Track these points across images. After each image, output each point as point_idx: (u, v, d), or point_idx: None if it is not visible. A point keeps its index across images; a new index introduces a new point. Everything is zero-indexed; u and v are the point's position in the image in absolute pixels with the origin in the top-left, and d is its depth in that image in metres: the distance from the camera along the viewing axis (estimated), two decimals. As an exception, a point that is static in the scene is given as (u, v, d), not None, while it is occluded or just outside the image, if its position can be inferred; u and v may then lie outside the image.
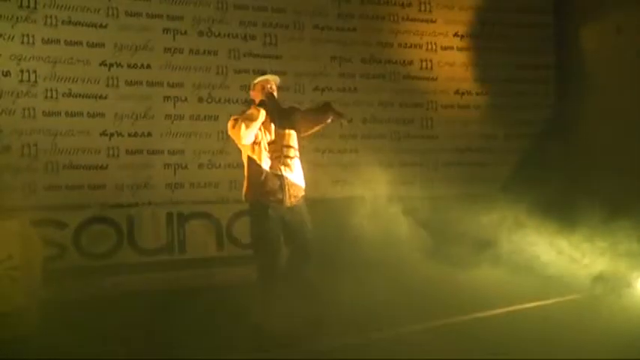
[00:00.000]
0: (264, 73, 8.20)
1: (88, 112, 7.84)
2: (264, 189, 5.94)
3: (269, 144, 6.00)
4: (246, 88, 8.15)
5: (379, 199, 8.05)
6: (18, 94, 7.52)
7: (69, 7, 7.74)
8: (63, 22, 7.70)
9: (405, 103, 9.25)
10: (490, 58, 9.65)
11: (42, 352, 5.45)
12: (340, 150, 8.90)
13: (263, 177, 5.95)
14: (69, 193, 7.70)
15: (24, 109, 7.55)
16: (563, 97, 9.83)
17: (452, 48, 9.52)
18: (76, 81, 7.79)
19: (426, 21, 9.38)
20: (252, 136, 5.89)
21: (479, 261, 7.53)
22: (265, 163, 5.95)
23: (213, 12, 8.36)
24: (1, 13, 7.45)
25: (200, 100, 8.23)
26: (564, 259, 7.52)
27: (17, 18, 7.50)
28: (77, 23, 7.77)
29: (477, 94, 9.60)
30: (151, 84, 8.11)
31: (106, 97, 7.91)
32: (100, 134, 7.89)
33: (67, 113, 7.75)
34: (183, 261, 7.77)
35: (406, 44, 9.28)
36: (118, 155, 7.95)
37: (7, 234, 6.13)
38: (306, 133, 6.20)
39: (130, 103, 8.01)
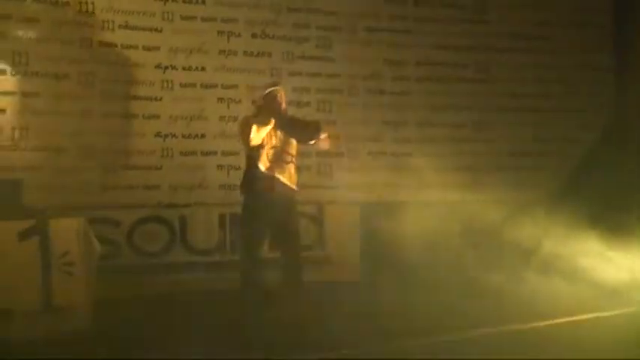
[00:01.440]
0: (315, 75, 8.72)
1: (144, 114, 8.04)
2: (257, 185, 6.41)
3: (271, 148, 6.45)
4: (300, 90, 8.56)
5: (432, 203, 8.18)
6: (76, 95, 7.73)
7: (126, 12, 7.94)
8: (120, 27, 7.91)
9: (460, 107, 9.26)
10: (547, 60, 9.62)
11: (96, 348, 5.65)
12: (393, 153, 9.00)
13: (259, 176, 6.40)
14: (124, 192, 7.90)
15: (82, 111, 7.77)
16: (622, 100, 9.71)
17: (507, 50, 9.48)
18: (132, 83, 8.00)
19: (481, 22, 9.39)
20: (259, 140, 6.34)
21: (531, 269, 7.61)
22: (263, 165, 6.41)
23: (267, 14, 8.51)
24: (61, 18, 7.67)
25: (253, 102, 7.96)
26: (619, 270, 7.46)
27: (77, 22, 7.72)
28: (133, 27, 7.98)
29: (533, 96, 9.56)
30: (205, 86, 8.29)
31: (160, 99, 8.11)
32: (155, 135, 8.09)
33: (123, 115, 7.97)
34: (234, 261, 7.57)
35: (460, 46, 9.30)
36: (172, 156, 8.14)
37: (65, 231, 6.30)
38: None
39: (185, 105, 8.20)
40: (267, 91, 6.57)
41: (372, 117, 8.90)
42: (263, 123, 6.31)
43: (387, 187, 8.85)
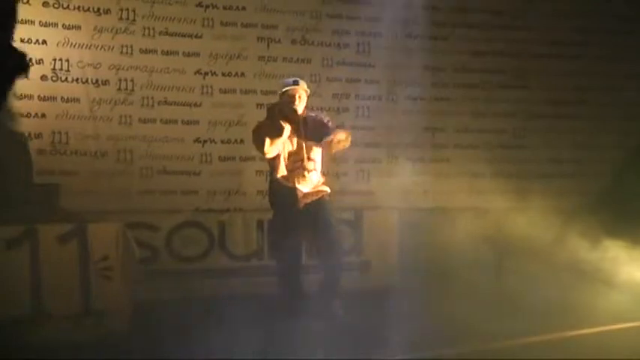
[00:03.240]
0: (354, 81, 8.71)
1: (183, 120, 8.12)
2: (278, 197, 6.30)
3: (289, 154, 6.26)
4: (339, 96, 8.58)
5: (470, 210, 8.29)
6: (116, 102, 7.86)
7: (166, 19, 8.03)
8: (160, 33, 8.00)
9: (499, 113, 9.25)
10: (586, 66, 9.58)
11: (134, 352, 5.68)
12: (432, 159, 9.00)
13: (278, 186, 6.27)
14: (162, 197, 8.00)
15: (121, 117, 7.88)
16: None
17: (547, 56, 9.45)
18: (172, 89, 8.08)
19: (520, 28, 9.36)
20: (275, 151, 6.15)
21: (570, 277, 7.50)
22: (280, 174, 6.24)
23: (307, 21, 8.56)
24: (103, 26, 7.78)
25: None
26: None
27: (117, 30, 7.85)
28: (174, 34, 8.07)
29: (573, 103, 9.55)
30: (244, 92, 8.34)
31: (200, 105, 8.18)
32: (194, 141, 8.17)
33: (162, 120, 8.05)
34: (271, 267, 7.54)
35: (499, 52, 9.29)
36: (210, 162, 8.23)
37: (104, 236, 6.32)
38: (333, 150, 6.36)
39: (224, 111, 8.26)
40: (282, 90, 6.38)
41: (411, 123, 8.84)
42: (276, 134, 6.10)
43: (425, 193, 8.86)
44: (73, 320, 6.07)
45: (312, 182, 6.33)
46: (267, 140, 6.05)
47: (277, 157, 6.21)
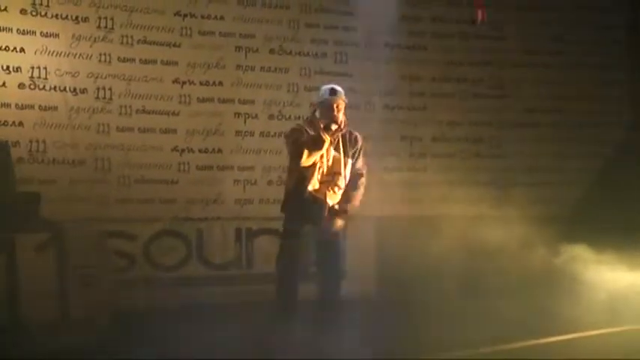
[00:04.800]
0: (315, 90, 8.17)
1: (161, 128, 8.10)
2: (304, 210, 6.01)
3: (322, 168, 6.03)
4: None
5: (448, 219, 8.19)
6: (94, 110, 7.83)
7: (144, 27, 8.03)
8: (138, 42, 8.00)
9: (476, 122, 9.32)
10: (561, 75, 9.64)
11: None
12: (409, 168, 9.04)
13: (306, 199, 5.99)
14: (140, 206, 7.97)
15: (99, 125, 7.85)
16: (638, 114, 9.79)
17: (522, 65, 9.53)
18: (150, 98, 8.06)
19: (496, 38, 9.42)
20: (311, 161, 5.92)
21: (546, 285, 7.55)
22: (312, 186, 6.00)
23: (284, 30, 8.57)
24: (81, 34, 7.77)
25: (271, 117, 8.45)
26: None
27: (95, 38, 7.84)
28: (152, 42, 8.06)
29: (549, 112, 9.59)
30: (222, 101, 8.34)
31: (178, 114, 8.17)
32: (172, 150, 8.15)
33: (140, 129, 8.02)
34: (250, 276, 7.95)
35: (476, 62, 9.36)
36: (188, 170, 8.20)
37: (82, 244, 6.51)
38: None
39: (202, 120, 8.25)
40: (320, 100, 6.12)
41: (388, 132, 8.91)
42: (316, 145, 5.87)
43: (402, 202, 8.87)
44: (52, 328, 6.08)
45: (337, 199, 6.18)
46: (306, 152, 5.83)
47: (312, 166, 5.98)
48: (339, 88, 6.13)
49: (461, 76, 9.32)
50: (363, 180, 6.33)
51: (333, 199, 6.13)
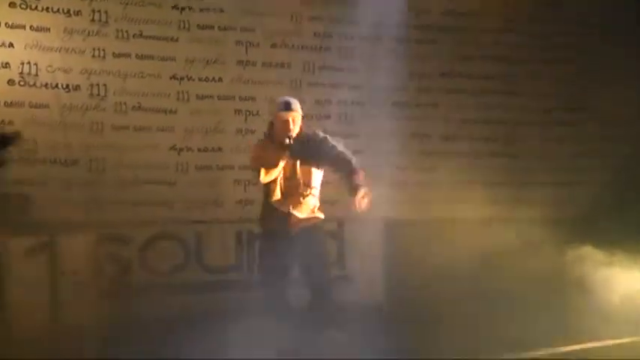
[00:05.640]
0: (337, 86, 8.64)
1: (158, 127, 8.00)
2: (271, 221, 6.12)
3: (285, 179, 6.09)
4: (321, 102, 8.50)
5: (459, 221, 8.27)
6: (87, 107, 7.71)
7: (140, 21, 7.91)
8: (134, 36, 7.87)
9: (489, 120, 9.19)
10: (578, 72, 9.53)
11: None
12: (418, 168, 8.91)
13: (272, 210, 6.10)
14: (136, 208, 7.84)
15: (93, 123, 7.73)
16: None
17: (538, 60, 9.41)
18: (146, 95, 7.95)
19: (509, 32, 9.32)
20: (271, 178, 6.00)
21: (567, 293, 7.48)
22: (275, 198, 6.08)
23: (286, 24, 8.47)
24: (73, 28, 7.64)
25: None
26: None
27: (89, 32, 7.70)
28: (148, 37, 7.94)
29: (565, 109, 9.51)
30: (222, 98, 8.25)
31: (175, 112, 8.07)
32: (169, 149, 8.04)
33: (135, 127, 7.91)
34: (252, 282, 7.60)
35: (489, 56, 9.23)
36: (187, 171, 8.10)
37: (73, 249, 6.57)
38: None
39: (201, 118, 8.16)
40: (276, 114, 6.18)
41: (396, 130, 8.63)
42: (271, 163, 5.98)
43: (411, 202, 8.75)
44: (42, 335, 6.10)
45: (307, 208, 6.18)
46: (263, 172, 5.93)
47: (273, 180, 6.08)
48: (293, 101, 6.17)
49: (473, 71, 9.19)
50: (353, 161, 6.25)
51: (300, 210, 6.14)
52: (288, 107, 6.09)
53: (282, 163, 5.98)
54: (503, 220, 8.21)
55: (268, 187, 6.11)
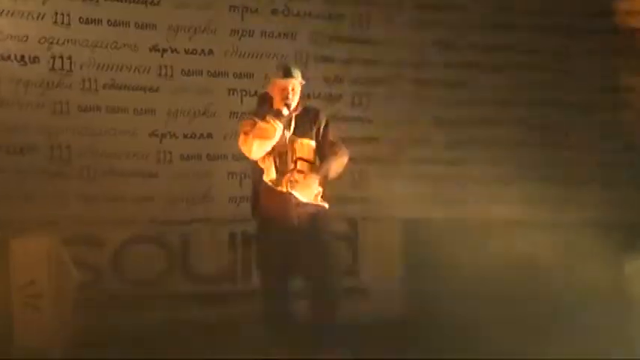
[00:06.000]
0: (350, 62, 8.18)
1: (135, 108, 7.56)
2: (267, 206, 5.82)
3: (279, 155, 5.84)
4: (331, 80, 8.06)
5: (493, 222, 7.76)
6: (48, 84, 7.25)
7: (114, -17, 7.49)
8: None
9: (532, 101, 8.71)
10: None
11: None
12: (445, 161, 8.47)
13: (266, 192, 5.82)
14: (109, 205, 7.38)
15: (55, 103, 7.28)
16: None
17: (591, 31, 8.90)
18: (121, 69, 7.51)
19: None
20: (263, 153, 5.76)
21: (625, 309, 6.94)
22: (269, 177, 5.82)
23: None
24: None
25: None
26: None
27: None
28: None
29: (623, 90, 8.99)
30: (213, 74, 7.83)
31: (157, 90, 7.64)
32: (150, 135, 7.63)
33: (108, 109, 7.45)
34: (247, 292, 7.34)
35: (532, 25, 8.73)
36: (170, 161, 7.70)
37: (30, 255, 6.14)
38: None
39: (187, 98, 7.72)
40: (273, 81, 5.92)
41: (419, 114, 8.43)
42: (265, 134, 5.71)
43: (435, 201, 8.15)
44: None
45: (310, 192, 5.85)
46: (255, 143, 5.67)
47: (268, 158, 5.83)
48: (294, 68, 5.98)
49: (509, 43, 8.69)
50: (340, 153, 6.03)
51: (300, 189, 5.82)
52: (288, 74, 5.84)
53: (278, 133, 5.69)
54: (546, 223, 7.72)
55: (259, 166, 5.86)
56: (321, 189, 5.96)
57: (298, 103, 5.91)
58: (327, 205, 5.94)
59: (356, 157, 7.46)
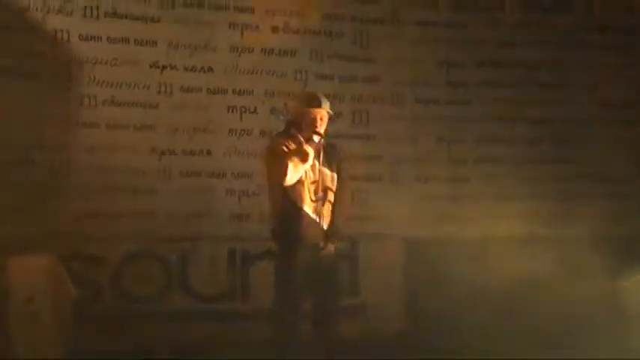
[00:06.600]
0: (350, 79, 8.26)
1: (135, 125, 7.65)
2: (300, 232, 5.88)
3: (311, 183, 5.97)
4: (331, 97, 7.91)
5: (498, 240, 7.79)
6: (47, 98, 7.32)
7: (115, 0, 7.55)
8: (106, 15, 7.53)
9: (534, 118, 8.71)
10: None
11: None
12: (448, 178, 8.51)
13: (302, 220, 5.88)
14: (108, 221, 7.47)
15: (54, 116, 7.36)
16: None
17: (590, 46, 8.92)
18: (121, 86, 7.62)
19: (561, 11, 8.80)
20: (297, 178, 5.84)
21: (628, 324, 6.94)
22: (307, 206, 5.91)
23: (290, 3, 8.08)
24: (30, 4, 7.26)
25: (273, 111, 8.03)
26: None
27: (49, 9, 7.34)
28: (123, 16, 7.61)
29: (625, 106, 8.95)
30: (212, 91, 7.90)
31: (157, 107, 7.74)
32: (149, 151, 7.70)
33: (108, 125, 7.55)
34: (246, 311, 7.53)
35: (533, 42, 8.74)
36: (170, 177, 7.76)
37: (28, 271, 6.16)
38: None
39: (187, 114, 7.80)
40: (303, 109, 6.04)
41: (421, 132, 8.49)
42: (301, 158, 5.82)
43: (438, 220, 8.34)
44: None
45: (328, 219, 6.08)
46: (291, 166, 5.75)
47: (300, 187, 5.93)
48: (324, 98, 6.16)
49: (514, 59, 8.69)
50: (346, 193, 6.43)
51: (326, 217, 6.07)
52: (320, 103, 6.06)
53: (311, 160, 5.86)
54: (548, 240, 7.90)
55: (293, 193, 5.92)
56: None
57: (325, 132, 6.06)
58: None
59: (356, 175, 7.70)
